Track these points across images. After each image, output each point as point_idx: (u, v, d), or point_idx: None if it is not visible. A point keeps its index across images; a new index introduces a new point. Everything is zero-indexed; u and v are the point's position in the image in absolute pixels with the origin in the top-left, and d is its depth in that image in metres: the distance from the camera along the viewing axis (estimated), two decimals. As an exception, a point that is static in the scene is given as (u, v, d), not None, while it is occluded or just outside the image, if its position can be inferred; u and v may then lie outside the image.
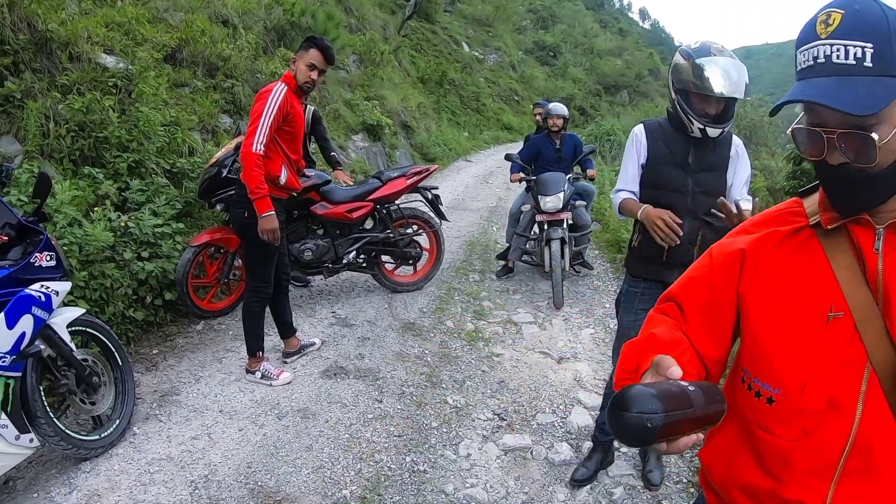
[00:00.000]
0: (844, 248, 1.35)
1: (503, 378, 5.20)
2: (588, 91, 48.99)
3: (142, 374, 4.81)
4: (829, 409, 1.32)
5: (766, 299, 1.42)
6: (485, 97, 31.65)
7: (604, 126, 23.60)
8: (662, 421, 1.06)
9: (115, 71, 6.58)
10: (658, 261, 3.43)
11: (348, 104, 13.84)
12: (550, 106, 7.71)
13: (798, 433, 1.36)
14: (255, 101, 4.39)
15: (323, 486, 3.67)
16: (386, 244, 6.70)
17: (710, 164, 3.34)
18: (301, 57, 4.53)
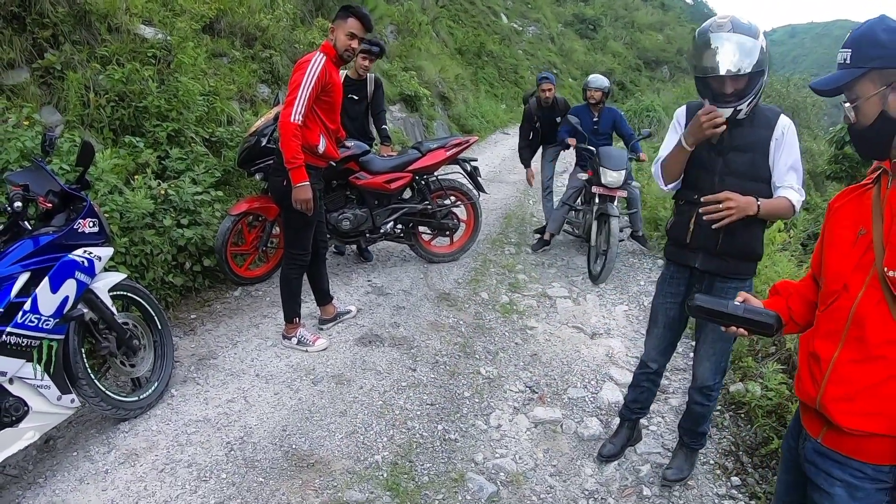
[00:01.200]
0: (878, 190, 1.94)
1: (536, 351, 5.22)
2: (628, 66, 48.31)
3: (180, 339, 4.91)
4: (843, 290, 1.95)
5: (832, 230, 2.07)
6: (523, 69, 31.36)
7: (643, 102, 23.31)
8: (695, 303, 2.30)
9: (154, 42, 6.65)
10: (683, 243, 3.37)
11: (386, 74, 13.82)
12: (590, 78, 7.63)
13: (824, 306, 2.04)
14: (293, 71, 4.41)
15: (356, 450, 3.74)
16: (423, 215, 6.72)
17: (745, 145, 3.16)
18: (339, 26, 4.51)
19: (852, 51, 1.88)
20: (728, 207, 2.95)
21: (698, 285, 3.42)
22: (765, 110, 3.17)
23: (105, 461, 3.50)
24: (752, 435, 4.18)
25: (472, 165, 7.06)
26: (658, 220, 8.71)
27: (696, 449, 3.78)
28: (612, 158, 6.92)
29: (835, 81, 1.91)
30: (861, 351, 1.88)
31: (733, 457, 4.03)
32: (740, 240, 3.18)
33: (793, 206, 3.04)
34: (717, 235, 3.18)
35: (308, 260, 4.84)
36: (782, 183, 3.09)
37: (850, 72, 1.89)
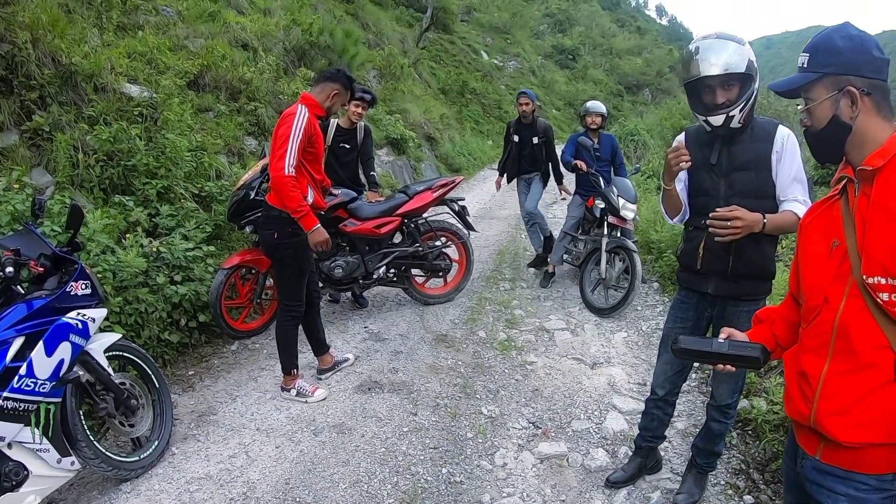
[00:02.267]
0: (845, 200, 1.94)
1: (537, 386, 5.20)
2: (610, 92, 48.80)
3: (179, 396, 4.87)
4: (824, 303, 1.95)
5: (805, 246, 2.10)
6: (507, 104, 31.57)
7: (627, 126, 23.45)
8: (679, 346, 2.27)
9: (140, 100, 6.69)
10: (693, 269, 3.37)
11: (371, 119, 13.92)
12: (589, 104, 7.72)
13: (806, 322, 2.04)
14: (279, 125, 4.43)
15: (360, 500, 3.70)
16: (415, 257, 6.72)
17: (745, 163, 3.13)
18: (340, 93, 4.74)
19: (810, 55, 1.96)
20: (735, 225, 2.94)
21: (710, 310, 3.42)
22: (763, 123, 3.15)
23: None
24: (762, 451, 4.15)
25: (459, 205, 7.09)
26: (650, 244, 8.73)
27: (707, 471, 3.75)
28: (629, 190, 7.03)
29: (791, 84, 2.00)
30: (850, 362, 1.87)
31: (744, 475, 4.01)
32: (751, 259, 3.16)
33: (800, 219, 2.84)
34: (728, 258, 3.19)
35: (303, 310, 4.83)
36: (787, 196, 3.07)
37: (806, 76, 1.96)
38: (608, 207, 7.07)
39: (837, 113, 1.90)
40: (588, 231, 7.73)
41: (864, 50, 1.89)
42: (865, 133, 1.88)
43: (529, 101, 7.94)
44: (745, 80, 2.97)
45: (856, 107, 1.87)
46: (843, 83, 1.88)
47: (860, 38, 1.91)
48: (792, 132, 3.09)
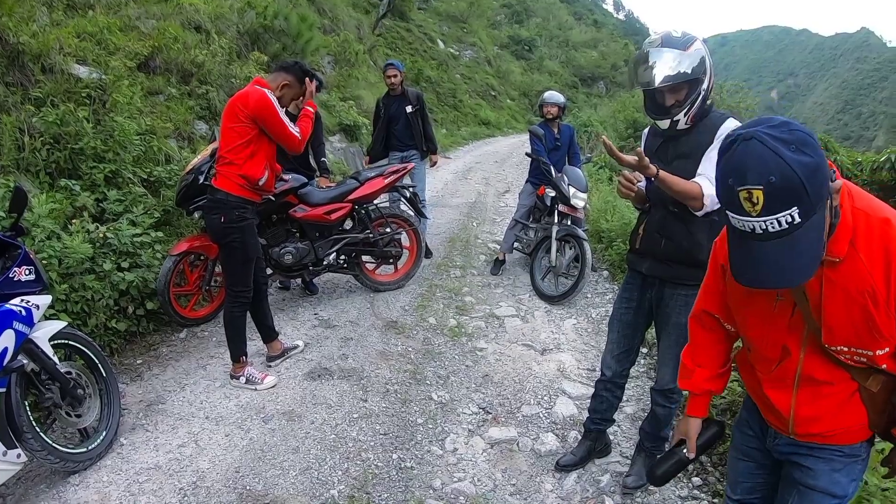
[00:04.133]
0: None
1: (487, 372, 5.24)
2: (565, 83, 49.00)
3: (127, 385, 4.80)
4: (783, 354, 2.02)
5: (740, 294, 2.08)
6: (461, 93, 31.59)
7: (581, 118, 23.64)
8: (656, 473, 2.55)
9: (89, 81, 6.57)
10: (633, 250, 3.52)
11: (324, 105, 13.80)
12: (546, 95, 7.75)
13: (766, 370, 2.11)
14: (262, 111, 4.43)
15: (311, 486, 3.70)
16: (366, 244, 6.70)
17: (687, 152, 3.21)
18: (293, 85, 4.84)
19: (798, 208, 1.55)
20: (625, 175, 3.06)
21: (650, 291, 3.51)
22: (713, 117, 3.19)
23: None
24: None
25: (411, 192, 7.10)
26: (601, 233, 8.83)
27: (655, 454, 3.82)
28: (580, 179, 7.10)
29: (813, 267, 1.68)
30: (815, 392, 2.02)
31: (692, 458, 4.09)
32: (680, 244, 3.25)
33: (701, 191, 2.96)
34: (661, 241, 3.30)
35: (251, 297, 4.80)
36: (702, 172, 3.09)
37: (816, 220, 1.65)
38: (559, 196, 7.14)
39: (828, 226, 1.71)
40: (539, 219, 7.80)
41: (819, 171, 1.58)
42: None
43: (398, 71, 7.93)
44: (692, 83, 3.03)
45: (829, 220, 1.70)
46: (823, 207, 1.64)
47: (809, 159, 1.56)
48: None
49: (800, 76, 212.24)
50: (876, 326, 1.77)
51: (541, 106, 7.75)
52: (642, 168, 2.93)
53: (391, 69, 7.93)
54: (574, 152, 7.88)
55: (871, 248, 1.75)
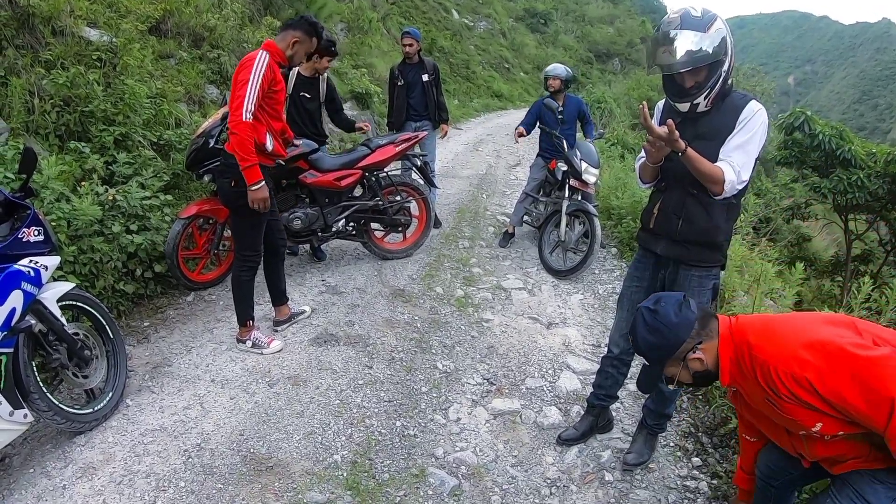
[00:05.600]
0: None
1: (492, 343, 5.25)
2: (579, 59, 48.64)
3: (133, 347, 4.82)
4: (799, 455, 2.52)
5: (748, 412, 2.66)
6: (474, 65, 31.37)
7: (594, 94, 23.49)
8: None
9: (100, 44, 6.53)
10: (647, 229, 3.48)
11: (336, 72, 13.74)
12: (548, 68, 7.68)
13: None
14: (238, 71, 4.34)
15: (314, 451, 3.73)
16: (375, 212, 6.69)
17: (708, 133, 3.14)
18: (303, 41, 4.59)
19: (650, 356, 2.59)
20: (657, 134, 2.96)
21: (663, 272, 3.49)
22: (735, 98, 3.12)
23: (62, 476, 3.43)
24: (711, 416, 4.26)
25: (422, 160, 7.07)
26: (611, 210, 8.79)
27: (656, 433, 3.83)
28: (592, 155, 7.04)
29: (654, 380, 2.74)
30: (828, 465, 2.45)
31: (693, 438, 4.11)
32: (699, 226, 3.22)
33: (723, 176, 2.96)
34: (678, 221, 3.26)
35: (259, 261, 4.80)
36: (724, 156, 3.04)
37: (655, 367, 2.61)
38: (570, 170, 7.09)
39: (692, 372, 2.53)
40: (549, 193, 7.76)
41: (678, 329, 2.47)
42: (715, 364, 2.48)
43: (414, 40, 7.86)
44: (712, 65, 2.96)
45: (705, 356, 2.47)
46: (679, 356, 2.48)
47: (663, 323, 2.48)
48: (764, 113, 3.06)
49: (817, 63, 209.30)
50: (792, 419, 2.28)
51: (545, 79, 7.68)
52: (671, 141, 2.91)
53: (408, 38, 7.85)
54: (587, 123, 7.80)
55: (748, 373, 2.37)
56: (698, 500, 3.58)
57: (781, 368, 2.17)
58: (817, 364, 2.11)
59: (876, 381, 1.99)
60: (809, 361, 2.13)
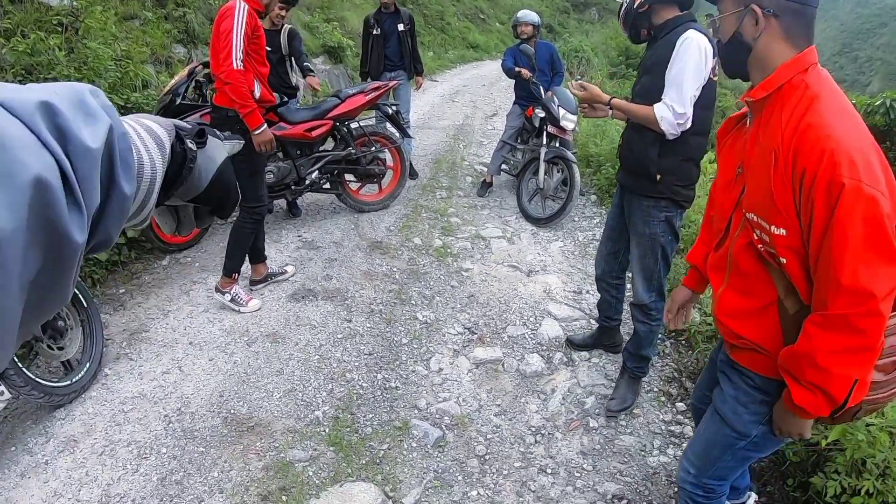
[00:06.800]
0: (749, 127, 1.99)
1: (472, 292, 5.23)
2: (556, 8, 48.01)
3: (110, 315, 4.75)
4: (726, 231, 2.08)
5: (721, 165, 2.15)
6: (449, 16, 30.92)
7: (571, 43, 23.30)
8: None
9: (60, 8, 6.35)
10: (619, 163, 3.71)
11: (307, 27, 13.51)
12: (519, 14, 7.52)
13: (714, 248, 2.19)
14: (219, 20, 4.30)
15: (295, 408, 3.71)
16: (348, 162, 6.58)
17: (650, 66, 3.36)
18: None
19: None
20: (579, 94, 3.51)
21: (625, 198, 3.69)
22: (679, 30, 3.21)
23: (44, 452, 3.39)
24: (694, 361, 4.27)
25: (393, 109, 6.97)
26: (589, 157, 8.73)
27: (638, 376, 3.86)
28: (570, 101, 6.93)
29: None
30: (742, 285, 2.04)
31: (677, 383, 4.11)
32: (635, 155, 3.46)
33: (654, 115, 3.20)
34: (626, 152, 3.56)
35: (265, 211, 4.79)
36: (668, 97, 3.20)
37: None
38: (548, 117, 7.00)
39: (740, 30, 1.87)
40: (527, 141, 7.68)
41: None
42: (766, 57, 1.86)
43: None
44: None
45: (758, 27, 1.83)
46: (749, 0, 1.84)
47: None
48: (699, 38, 3.15)
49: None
50: (771, 191, 1.79)
51: (514, 26, 7.54)
52: (593, 99, 3.45)
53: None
54: (558, 71, 7.67)
55: (793, 114, 1.76)
56: (683, 445, 3.58)
57: (836, 148, 1.63)
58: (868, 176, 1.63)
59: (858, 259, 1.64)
60: (870, 165, 1.64)
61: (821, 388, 1.76)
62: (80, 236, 0.58)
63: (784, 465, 3.21)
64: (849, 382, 1.73)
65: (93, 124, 0.62)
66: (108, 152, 0.64)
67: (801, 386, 1.82)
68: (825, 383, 1.75)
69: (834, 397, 1.76)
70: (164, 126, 0.84)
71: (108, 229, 0.67)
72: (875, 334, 1.69)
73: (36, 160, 0.53)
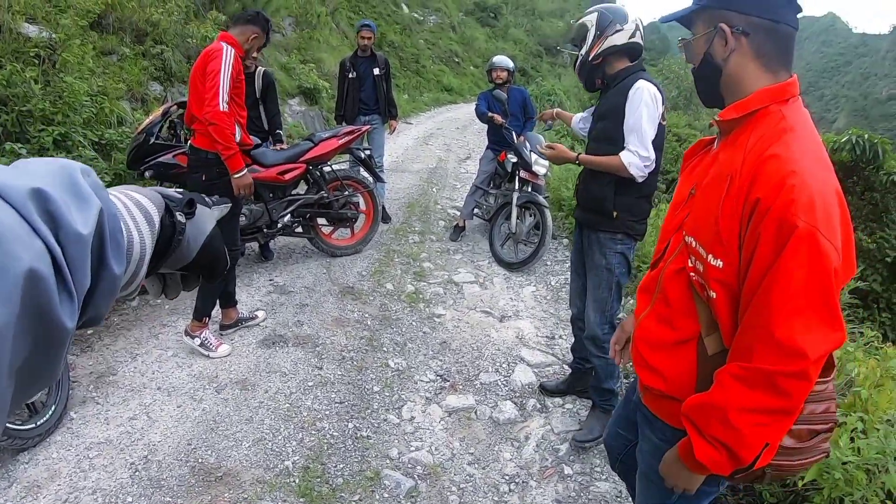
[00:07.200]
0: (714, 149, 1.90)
1: (445, 339, 5.21)
2: (529, 52, 48.68)
3: (77, 356, 4.65)
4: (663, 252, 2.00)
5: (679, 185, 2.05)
6: (424, 59, 31.26)
7: (544, 87, 23.64)
8: None
9: (38, 40, 6.35)
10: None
11: (284, 68, 13.57)
12: (494, 59, 7.63)
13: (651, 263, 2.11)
14: (204, 61, 4.32)
15: (265, 458, 3.64)
16: (321, 206, 6.58)
17: (604, 112, 3.67)
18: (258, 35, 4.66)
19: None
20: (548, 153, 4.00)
21: (583, 234, 3.90)
22: (631, 79, 3.52)
23: (6, 497, 3.29)
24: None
25: (366, 154, 6.99)
26: (561, 201, 8.80)
27: (607, 409, 3.90)
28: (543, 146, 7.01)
29: (675, 15, 1.88)
30: (665, 315, 1.91)
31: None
32: (592, 194, 3.73)
33: (621, 162, 3.47)
34: (582, 191, 3.82)
35: (238, 255, 4.76)
36: (625, 143, 3.50)
37: (687, 8, 1.85)
38: (520, 162, 7.07)
39: (710, 51, 1.79)
40: (499, 185, 7.74)
41: None
42: (737, 78, 1.77)
43: (372, 34, 7.90)
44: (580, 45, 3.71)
45: (728, 46, 1.75)
46: (717, 19, 1.75)
47: None
48: (648, 87, 3.46)
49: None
50: (718, 217, 1.66)
51: (489, 70, 7.64)
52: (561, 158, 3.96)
53: (366, 30, 7.85)
54: (530, 116, 7.73)
55: (760, 141, 1.65)
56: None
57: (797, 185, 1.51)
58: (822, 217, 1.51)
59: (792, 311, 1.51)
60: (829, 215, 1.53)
61: (727, 445, 1.62)
62: (71, 322, 0.58)
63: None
64: (759, 444, 1.60)
65: (84, 209, 0.62)
66: (99, 234, 0.64)
67: (704, 440, 1.67)
68: (733, 442, 1.61)
69: (740, 458, 1.62)
70: (153, 200, 0.83)
71: (97, 308, 0.66)
72: (799, 398, 1.56)
73: (28, 251, 0.53)
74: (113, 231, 0.67)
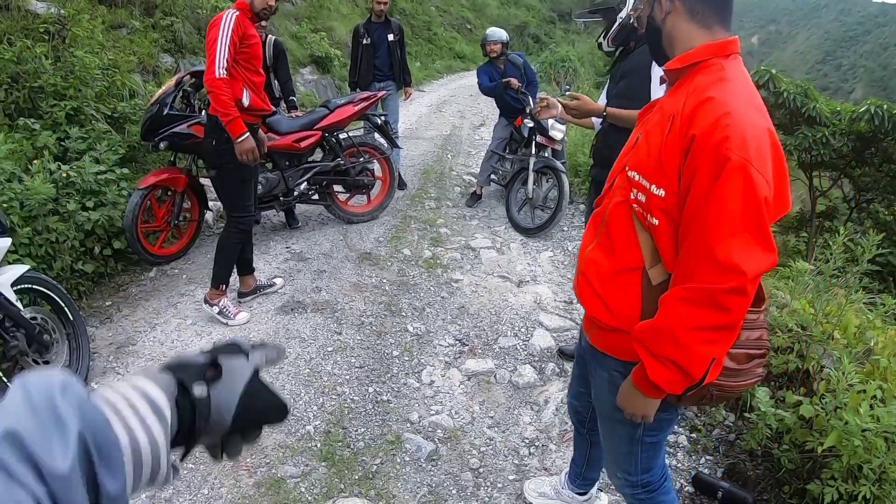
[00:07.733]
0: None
1: (463, 303, 5.20)
2: (542, 19, 48.12)
3: (96, 328, 4.69)
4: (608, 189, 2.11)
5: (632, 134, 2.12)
6: (436, 26, 30.98)
7: (558, 53, 23.41)
8: None
9: (47, 16, 6.34)
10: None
11: (295, 37, 13.50)
12: (488, 32, 7.56)
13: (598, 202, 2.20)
14: (208, 31, 4.29)
15: (286, 423, 3.65)
16: (337, 173, 6.57)
17: (628, 70, 3.72)
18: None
19: None
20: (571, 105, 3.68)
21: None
22: None
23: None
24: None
25: (383, 120, 6.96)
26: (578, 167, 8.74)
27: None
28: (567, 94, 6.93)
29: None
30: (609, 246, 2.02)
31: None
32: (611, 150, 3.46)
33: None
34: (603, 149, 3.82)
35: (251, 224, 4.75)
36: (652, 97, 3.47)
37: None
38: (537, 127, 7.00)
39: (651, 15, 1.95)
40: (515, 151, 7.66)
41: None
42: (673, 37, 1.91)
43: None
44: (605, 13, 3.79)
45: (663, 8, 1.90)
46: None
47: None
48: None
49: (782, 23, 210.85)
50: (660, 152, 1.80)
51: (483, 44, 7.54)
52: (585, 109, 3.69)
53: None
54: (531, 80, 7.62)
55: (699, 86, 1.77)
56: (678, 454, 3.56)
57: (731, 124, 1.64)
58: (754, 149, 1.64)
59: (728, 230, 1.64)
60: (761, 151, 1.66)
61: (678, 363, 1.74)
62: None
63: (780, 472, 3.20)
64: (707, 359, 1.73)
65: (61, 436, 0.60)
66: (86, 456, 0.61)
67: (656, 361, 1.79)
68: (684, 359, 1.73)
69: (691, 374, 1.74)
70: (161, 384, 0.78)
71: None
72: (739, 313, 1.69)
73: (11, 501, 0.52)
74: (101, 446, 0.63)
